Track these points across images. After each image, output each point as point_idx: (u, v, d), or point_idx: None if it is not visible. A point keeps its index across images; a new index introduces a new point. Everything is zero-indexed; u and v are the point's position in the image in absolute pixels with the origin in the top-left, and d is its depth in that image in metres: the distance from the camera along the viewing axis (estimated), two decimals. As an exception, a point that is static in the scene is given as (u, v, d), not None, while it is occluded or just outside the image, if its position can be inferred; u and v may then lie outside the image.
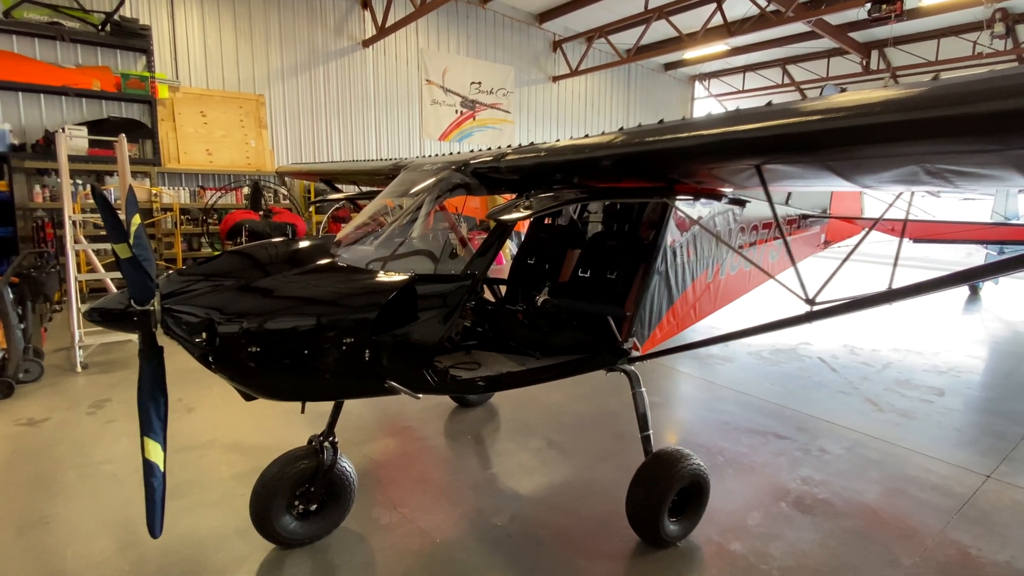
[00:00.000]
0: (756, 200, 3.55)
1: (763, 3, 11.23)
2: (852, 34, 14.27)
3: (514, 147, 2.92)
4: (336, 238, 2.85)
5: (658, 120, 2.14)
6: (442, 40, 13.64)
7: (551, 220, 4.13)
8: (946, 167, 1.45)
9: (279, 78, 11.44)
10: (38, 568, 2.65)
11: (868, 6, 11.14)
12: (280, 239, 2.81)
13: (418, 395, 2.38)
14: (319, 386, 2.34)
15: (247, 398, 2.39)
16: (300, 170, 6.26)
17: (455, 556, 2.78)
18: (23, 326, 5.02)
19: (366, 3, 12.10)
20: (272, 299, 2.30)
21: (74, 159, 8.27)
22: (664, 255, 3.43)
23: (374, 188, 5.12)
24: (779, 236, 5.07)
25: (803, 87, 17.38)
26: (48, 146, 8.51)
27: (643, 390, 3.06)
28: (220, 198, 10.08)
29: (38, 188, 8.75)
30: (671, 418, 4.68)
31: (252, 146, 10.74)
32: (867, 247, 3.03)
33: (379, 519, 3.07)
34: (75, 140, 8.64)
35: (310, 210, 11.30)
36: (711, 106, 19.84)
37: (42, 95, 9.06)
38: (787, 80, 17.64)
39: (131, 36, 9.43)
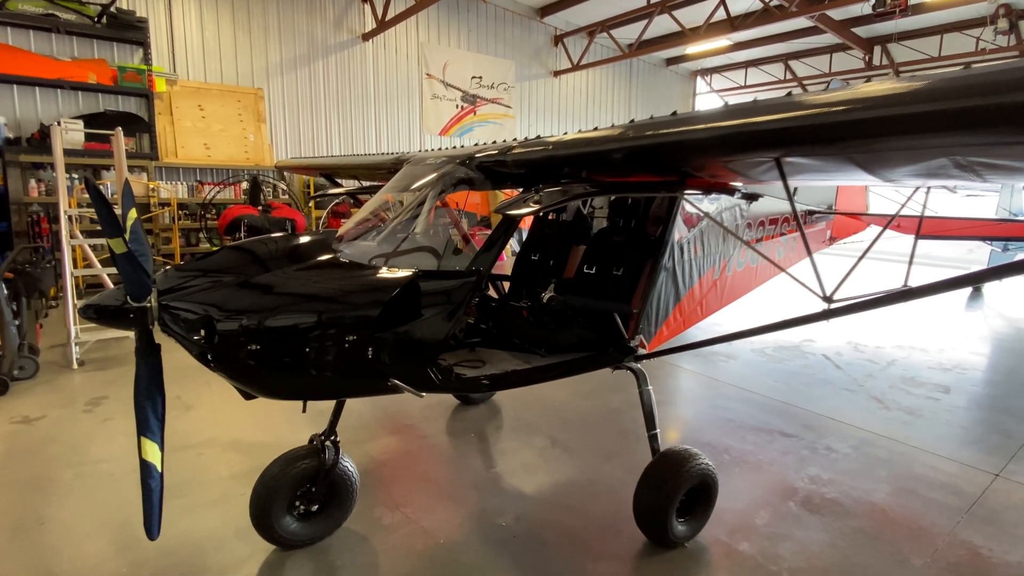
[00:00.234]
0: (763, 196, 3.48)
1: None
2: (855, 29, 14.19)
3: (519, 140, 2.85)
4: (337, 233, 2.78)
5: (670, 112, 2.08)
6: (443, 34, 13.52)
7: (555, 216, 4.07)
8: (979, 160, 1.38)
9: (278, 72, 11.33)
10: (33, 571, 2.60)
11: (872, 1, 11.06)
12: (280, 234, 2.75)
13: (421, 394, 2.33)
14: (321, 385, 2.30)
15: (247, 397, 2.35)
16: (300, 164, 6.17)
17: (459, 558, 2.74)
18: (18, 322, 4.98)
19: (366, -4, 11.99)
20: (272, 296, 2.25)
21: (70, 153, 8.18)
22: (671, 251, 3.39)
23: (375, 183, 5.05)
24: (784, 232, 5.03)
25: (805, 83, 17.30)
26: (43, 140, 8.40)
27: (650, 388, 3.01)
28: (218, 193, 10.00)
29: (33, 182, 8.68)
30: (675, 416, 4.63)
31: (251, 140, 10.64)
32: (867, 245, 2.99)
33: (381, 519, 3.02)
34: (71, 134, 8.52)
35: (309, 205, 11.22)
36: (713, 101, 19.75)
37: (37, 88, 8.96)
38: (789, 76, 17.55)
39: (127, 28, 9.32)
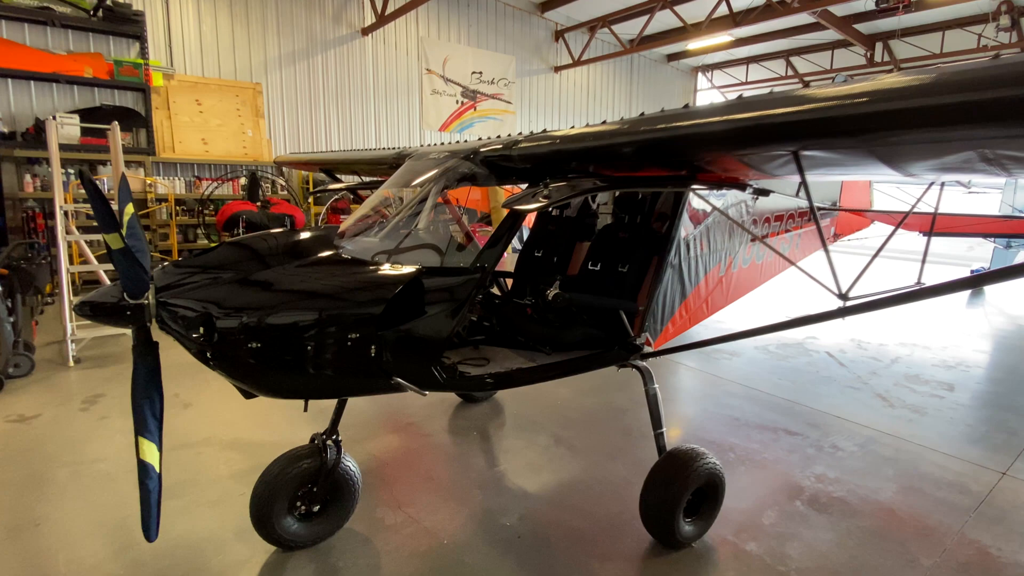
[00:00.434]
0: (773, 191, 3.43)
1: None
2: (857, 25, 14.11)
3: (525, 134, 2.80)
4: (339, 229, 2.73)
5: (682, 106, 2.03)
6: (443, 29, 13.42)
7: (559, 212, 4.02)
8: (1008, 152, 1.34)
9: (276, 66, 11.22)
10: (29, 573, 2.55)
11: (875, -4, 10.99)
12: (280, 230, 2.69)
13: (424, 392, 2.29)
14: (323, 383, 2.25)
15: (247, 396, 2.31)
16: (299, 160, 6.10)
17: (464, 559, 2.69)
18: (13, 319, 4.92)
19: (365, -10, 11.88)
20: (273, 292, 2.20)
21: (65, 148, 8.11)
22: (677, 247, 3.34)
23: (376, 178, 4.98)
24: (789, 229, 4.99)
25: (807, 79, 17.22)
26: (38, 134, 8.32)
27: (656, 386, 2.97)
28: (216, 188, 9.92)
29: (28, 178, 8.59)
30: (679, 414, 4.60)
31: (249, 136, 10.55)
32: (872, 241, 2.95)
33: (384, 519, 2.98)
34: (66, 128, 8.44)
35: (309, 201, 11.14)
36: (714, 98, 19.67)
37: (32, 82, 8.86)
38: (791, 72, 17.48)
39: (124, 22, 9.22)
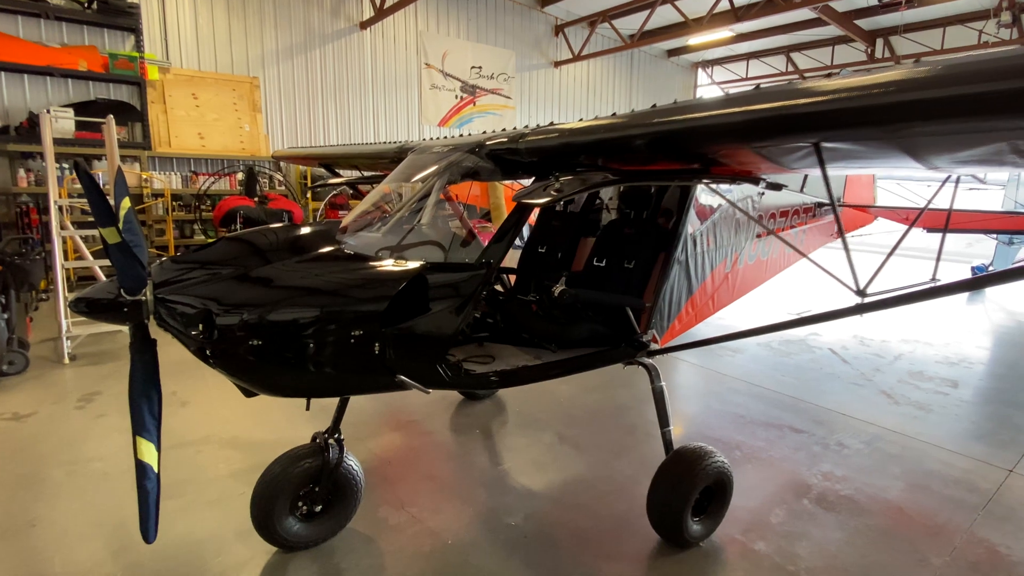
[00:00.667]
0: (786, 186, 3.37)
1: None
2: (858, 21, 14.05)
3: (531, 127, 2.73)
4: (341, 224, 2.67)
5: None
6: (442, 23, 13.30)
7: (563, 207, 3.96)
8: (1042, 142, 1.29)
9: (274, 60, 11.10)
10: (24, 575, 2.49)
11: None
12: (281, 225, 2.64)
13: (428, 390, 2.24)
14: (325, 381, 2.21)
15: (247, 394, 2.26)
16: (298, 154, 6.01)
17: (469, 559, 2.65)
18: (7, 316, 4.85)
19: (363, -17, 11.75)
20: (275, 289, 2.15)
21: (60, 142, 7.98)
22: (684, 243, 3.29)
23: (376, 173, 4.91)
24: (794, 225, 4.94)
25: (807, 75, 17.16)
26: (32, 128, 8.21)
27: (663, 384, 2.92)
28: (213, 184, 9.82)
29: (22, 172, 8.47)
30: (684, 411, 4.56)
31: (246, 130, 10.44)
32: (875, 238, 2.90)
33: (387, 519, 2.93)
34: (61, 122, 8.32)
35: (307, 196, 11.04)
36: (714, 93, 19.55)
37: (26, 75, 8.74)
38: (791, 68, 17.42)
39: (119, 14, 9.10)
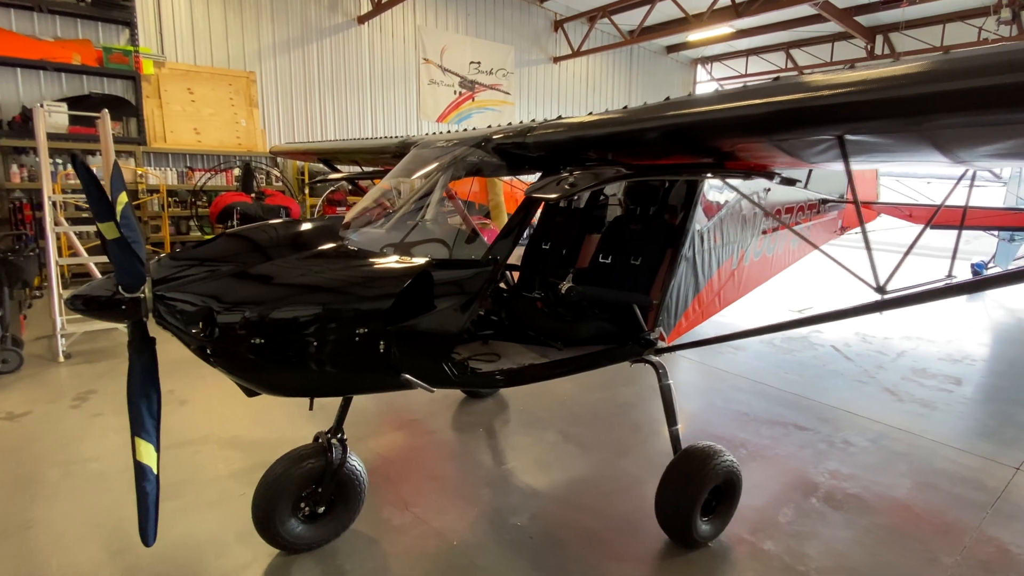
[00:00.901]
0: (799, 181, 3.32)
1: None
2: (858, 18, 14.01)
3: (539, 121, 2.68)
4: (344, 220, 2.61)
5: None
6: (440, 17, 13.18)
7: (567, 203, 3.91)
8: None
9: (270, 54, 10.97)
10: (20, 578, 2.44)
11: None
12: (282, 220, 2.58)
13: (432, 389, 2.19)
14: (329, 381, 2.16)
15: (249, 394, 2.20)
16: (297, 149, 5.93)
17: (475, 561, 2.60)
18: (0, 313, 4.74)
19: (360, -23, 11.62)
20: (277, 286, 2.10)
21: (53, 137, 7.86)
22: (691, 239, 3.24)
23: (377, 168, 4.84)
24: (799, 222, 4.90)
25: (807, 72, 17.11)
26: (25, 123, 8.09)
27: (671, 383, 2.88)
28: (209, 179, 9.72)
29: (15, 167, 8.36)
30: (687, 409, 4.52)
31: (242, 125, 10.32)
32: (877, 235, 2.86)
33: (390, 520, 2.88)
34: (54, 117, 8.21)
35: (304, 192, 10.94)
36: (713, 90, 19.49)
37: (19, 69, 8.60)
38: (790, 65, 17.38)
39: (113, 7, 8.97)
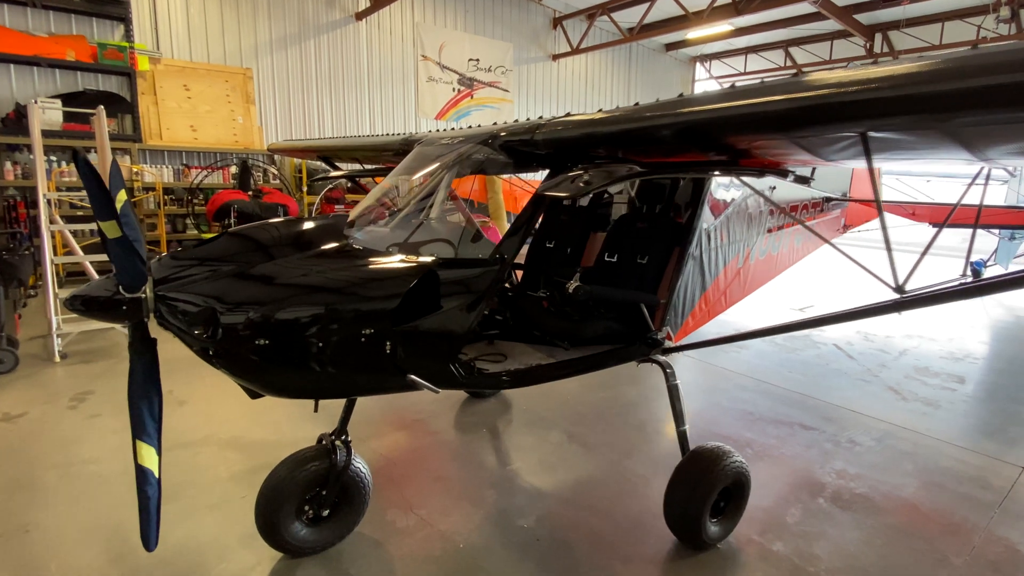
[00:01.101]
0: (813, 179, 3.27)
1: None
2: (857, 16, 13.98)
3: (546, 118, 2.63)
4: (348, 218, 2.56)
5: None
6: (439, 14, 13.09)
7: (571, 201, 3.86)
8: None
9: (267, 51, 10.87)
10: (18, 584, 2.39)
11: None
12: (285, 219, 2.53)
13: (438, 390, 2.15)
14: (333, 382, 2.12)
15: (252, 395, 2.15)
16: (296, 147, 5.86)
17: (481, 563, 2.57)
18: (-4, 312, 4.67)
19: (358, -27, 11.53)
20: (281, 286, 2.05)
21: (48, 134, 7.75)
22: (698, 238, 3.21)
23: (378, 166, 4.79)
24: (804, 220, 4.87)
25: (806, 70, 17.11)
26: (19, 120, 7.99)
27: (678, 382, 2.85)
28: (206, 177, 9.62)
29: (9, 165, 8.26)
30: (691, 408, 4.48)
31: (239, 123, 10.23)
32: (876, 234, 2.83)
33: (395, 522, 2.85)
34: (49, 113, 8.11)
35: (302, 190, 10.86)
36: (712, 88, 19.48)
37: (12, 65, 8.50)
38: (789, 63, 17.37)
39: (108, 3, 8.88)
